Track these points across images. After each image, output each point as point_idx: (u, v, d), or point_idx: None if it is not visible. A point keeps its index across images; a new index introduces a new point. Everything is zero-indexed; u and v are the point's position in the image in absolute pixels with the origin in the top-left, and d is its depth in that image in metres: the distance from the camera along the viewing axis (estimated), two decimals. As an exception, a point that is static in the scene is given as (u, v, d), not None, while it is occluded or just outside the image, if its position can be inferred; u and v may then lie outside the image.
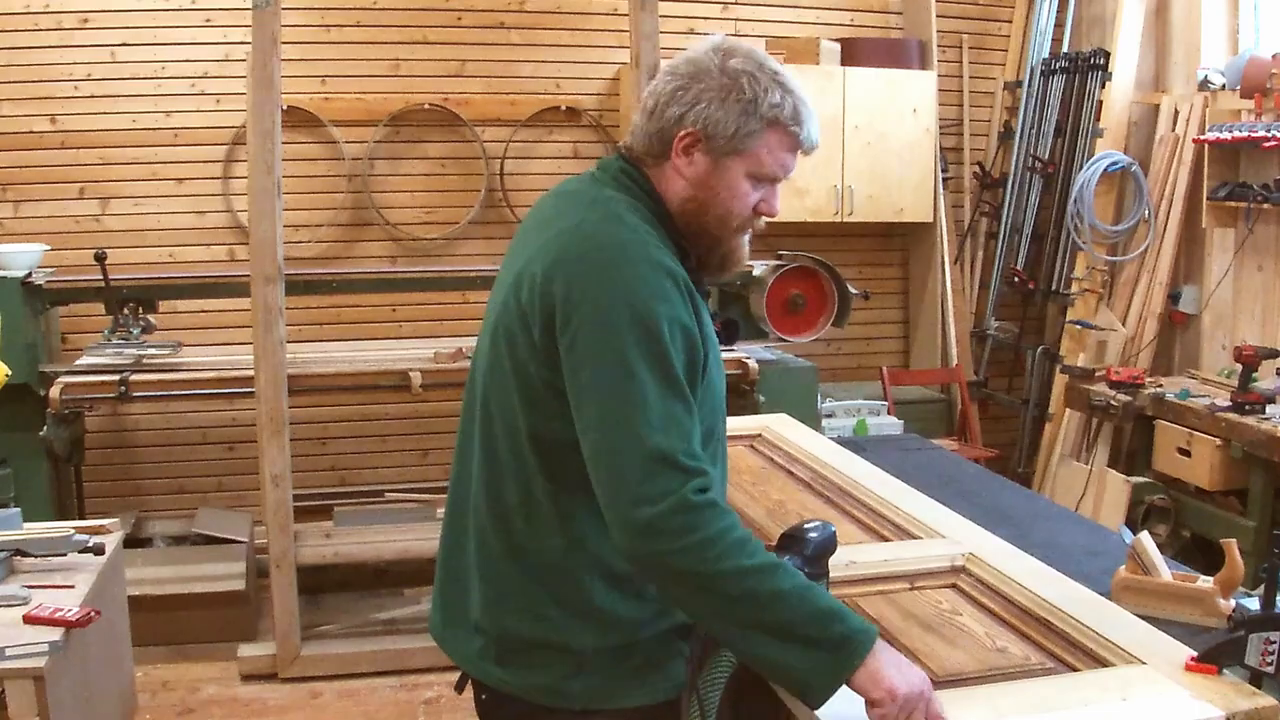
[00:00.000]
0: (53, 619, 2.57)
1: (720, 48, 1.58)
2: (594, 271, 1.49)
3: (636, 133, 1.63)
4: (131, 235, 5.00)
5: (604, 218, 1.56)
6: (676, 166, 1.59)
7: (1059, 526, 2.51)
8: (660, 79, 1.61)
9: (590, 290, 1.48)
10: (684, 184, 1.60)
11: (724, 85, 1.55)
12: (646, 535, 1.42)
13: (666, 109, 1.58)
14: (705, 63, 1.57)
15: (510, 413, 1.59)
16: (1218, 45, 5.13)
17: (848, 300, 4.55)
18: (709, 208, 1.60)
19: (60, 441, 4.00)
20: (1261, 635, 1.52)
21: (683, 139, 1.57)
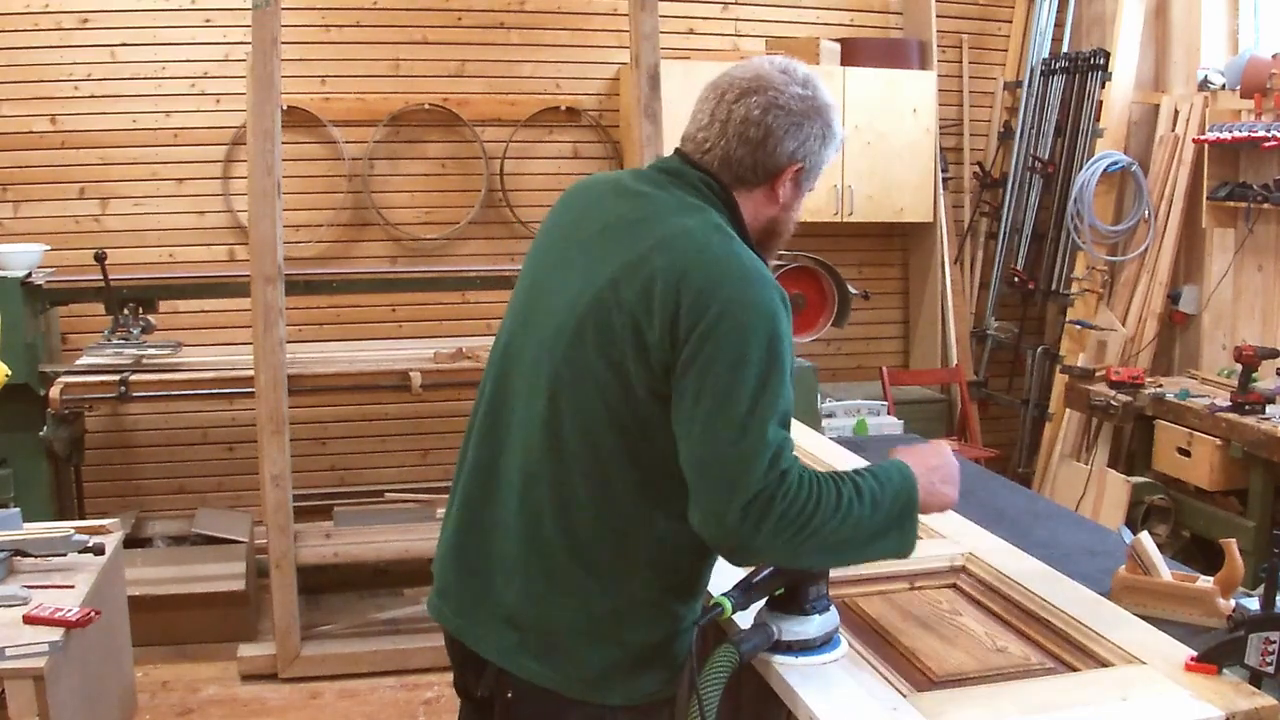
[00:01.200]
0: (53, 619, 2.57)
1: (811, 82, 1.70)
2: (729, 281, 1.56)
3: (723, 155, 1.69)
4: (131, 235, 5.00)
5: (711, 229, 1.62)
6: (776, 194, 1.71)
7: (1059, 526, 2.51)
8: (764, 110, 1.67)
9: (729, 298, 1.54)
10: (775, 208, 1.72)
11: (825, 123, 1.70)
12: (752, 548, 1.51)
13: (781, 143, 1.67)
14: (809, 103, 1.68)
15: (592, 412, 1.60)
16: (1218, 45, 5.13)
17: (848, 300, 4.54)
18: (786, 227, 1.77)
19: (60, 441, 4.01)
20: (1261, 635, 1.52)
21: (794, 171, 1.70)
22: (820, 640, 1.63)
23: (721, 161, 1.69)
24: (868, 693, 1.53)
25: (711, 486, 1.51)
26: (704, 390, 1.52)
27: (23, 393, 4.01)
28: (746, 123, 1.67)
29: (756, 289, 1.56)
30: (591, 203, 1.77)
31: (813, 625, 1.62)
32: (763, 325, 1.53)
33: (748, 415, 1.50)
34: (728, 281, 1.55)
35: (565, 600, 1.63)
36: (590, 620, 1.63)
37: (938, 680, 1.60)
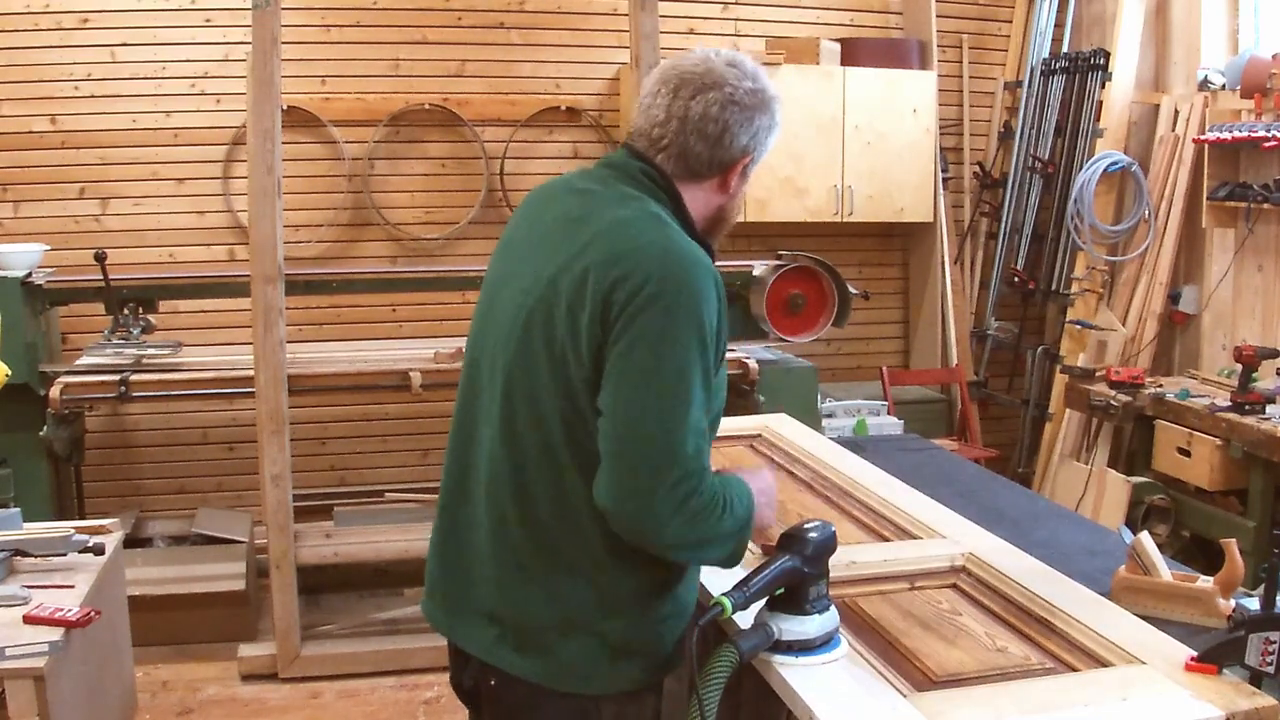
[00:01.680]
0: (53, 619, 2.57)
1: (758, 76, 1.73)
2: (660, 265, 1.58)
3: (680, 150, 1.71)
4: (131, 235, 5.00)
5: (646, 217, 1.66)
6: (728, 184, 1.75)
7: (1059, 526, 2.51)
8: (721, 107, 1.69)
9: (657, 283, 1.57)
10: (724, 197, 1.76)
11: (773, 115, 1.74)
12: (652, 529, 1.54)
13: (736, 138, 1.71)
14: (759, 96, 1.71)
15: (541, 404, 1.64)
16: (1218, 45, 5.14)
17: (848, 300, 4.54)
18: (733, 214, 1.81)
19: (60, 441, 4.00)
20: (1261, 635, 1.52)
21: (745, 163, 1.74)
22: (820, 640, 1.62)
23: (678, 156, 1.72)
24: (868, 693, 1.53)
25: (632, 464, 1.54)
26: (630, 368, 1.55)
27: (23, 393, 4.00)
28: (705, 119, 1.69)
29: (688, 272, 1.59)
30: (543, 204, 1.81)
31: (813, 625, 1.62)
32: (692, 307, 1.56)
33: (673, 395, 1.54)
34: (658, 265, 1.58)
35: (538, 594, 1.66)
36: (564, 612, 1.66)
37: (938, 680, 1.60)
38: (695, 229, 1.73)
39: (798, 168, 5.36)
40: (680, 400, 1.54)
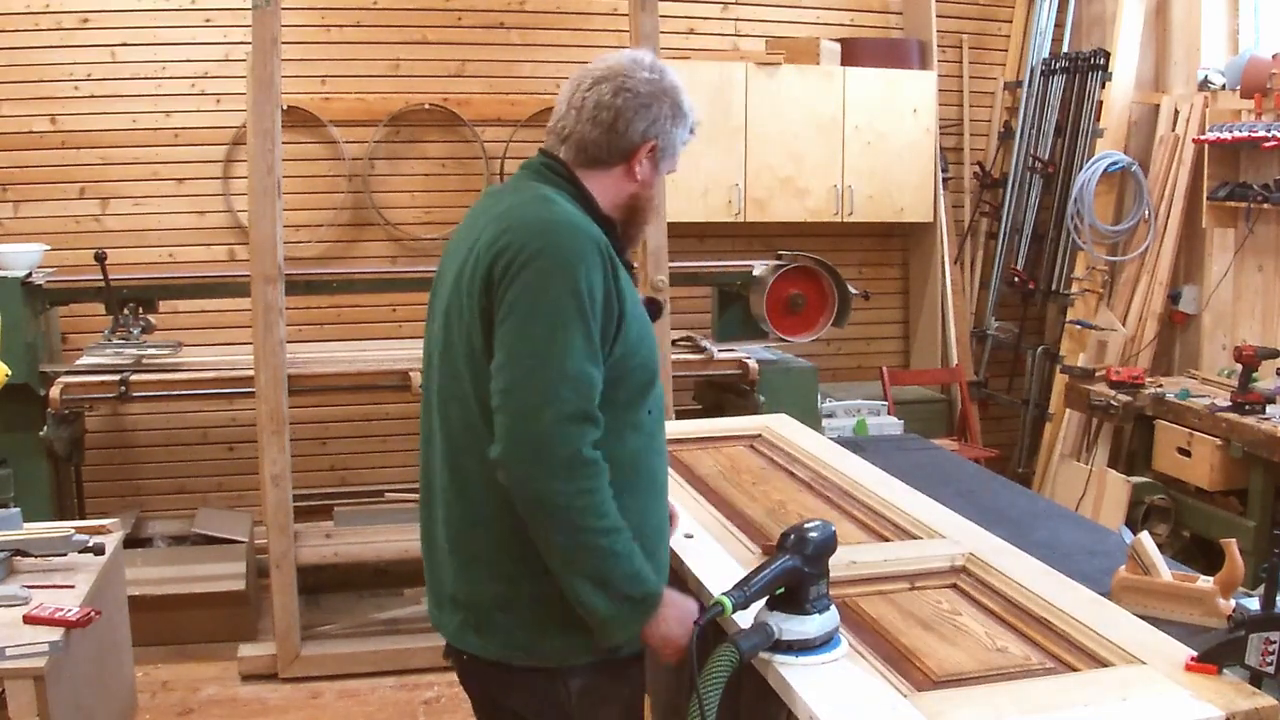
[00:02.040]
0: (53, 619, 2.57)
1: (657, 67, 1.85)
2: (534, 235, 1.70)
3: (579, 140, 1.82)
4: (131, 235, 5.00)
5: (533, 199, 1.78)
6: (631, 171, 1.84)
7: (1059, 526, 2.51)
8: (614, 94, 1.80)
9: (531, 249, 1.68)
10: (635, 184, 1.85)
11: (674, 104, 1.84)
12: (538, 474, 1.62)
13: (632, 123, 1.81)
14: (658, 82, 1.83)
15: (462, 387, 1.75)
16: (1218, 45, 5.13)
17: (848, 300, 4.55)
18: (649, 202, 1.89)
19: (60, 441, 4.00)
20: (1261, 635, 1.52)
21: (647, 149, 1.83)
22: (820, 640, 1.62)
23: (577, 145, 1.83)
24: (868, 693, 1.53)
25: (513, 414, 1.63)
26: (509, 329, 1.67)
27: (23, 393, 4.01)
28: (599, 107, 1.80)
29: (562, 236, 1.69)
30: (470, 214, 1.94)
31: (813, 625, 1.62)
32: (565, 268, 1.66)
33: (546, 347, 1.63)
34: (535, 234, 1.70)
35: (481, 572, 1.77)
36: (504, 587, 1.74)
37: (938, 680, 1.60)
38: (602, 215, 1.82)
39: (798, 168, 5.36)
40: (555, 354, 1.63)
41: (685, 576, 2.01)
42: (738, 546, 2.11)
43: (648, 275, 3.88)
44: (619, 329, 1.72)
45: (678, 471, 2.64)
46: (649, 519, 1.79)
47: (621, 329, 1.73)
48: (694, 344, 4.63)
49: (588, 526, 1.63)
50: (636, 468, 1.78)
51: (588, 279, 1.67)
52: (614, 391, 1.72)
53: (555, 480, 1.61)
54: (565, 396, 1.62)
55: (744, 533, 2.19)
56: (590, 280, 1.67)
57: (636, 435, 1.78)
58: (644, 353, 1.79)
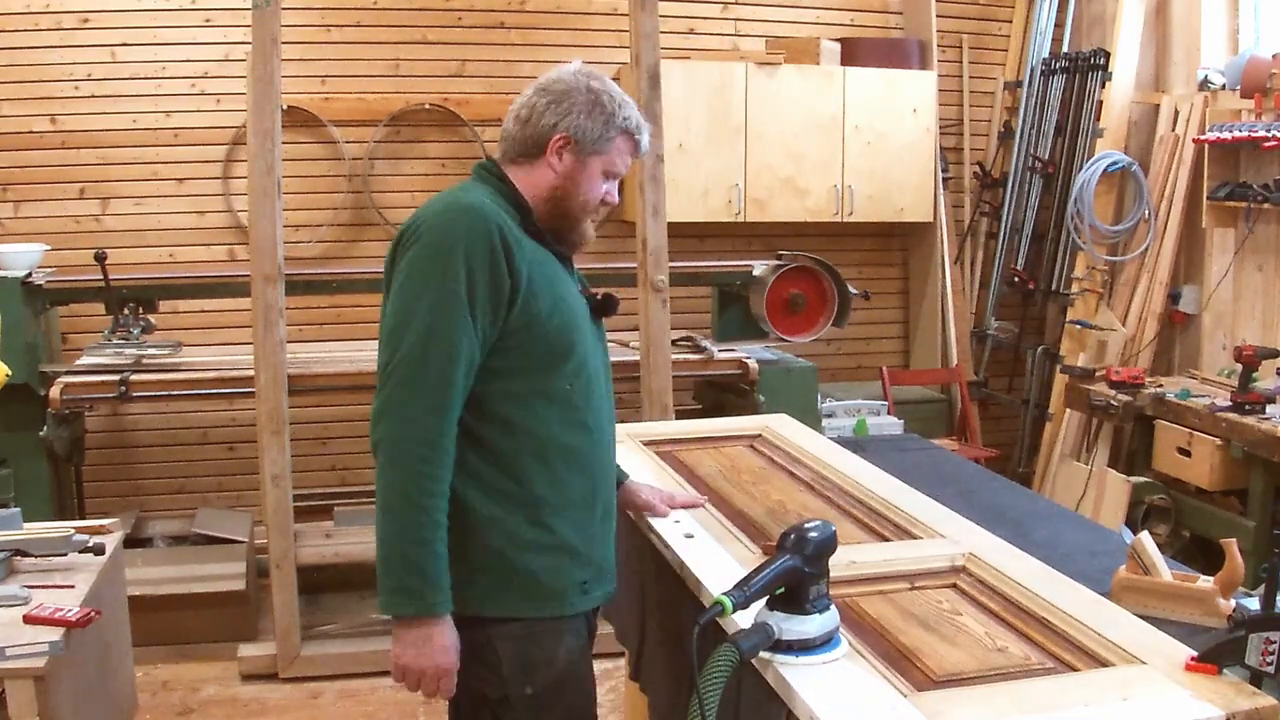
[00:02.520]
0: (53, 619, 2.57)
1: (582, 71, 1.99)
2: (427, 217, 1.87)
3: (508, 139, 2.00)
4: (131, 235, 5.00)
5: (450, 190, 1.96)
6: (550, 164, 1.96)
7: (1059, 526, 2.51)
8: (533, 95, 1.99)
9: (421, 228, 1.86)
10: (555, 176, 1.96)
11: (589, 100, 1.95)
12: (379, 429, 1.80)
13: (542, 118, 1.95)
14: (574, 83, 1.96)
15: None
16: (1218, 45, 5.14)
17: (848, 300, 4.55)
18: (574, 195, 1.98)
19: (60, 441, 4.01)
20: (1261, 635, 1.52)
21: (557, 141, 1.95)
22: (820, 640, 1.62)
23: (504, 144, 2.00)
24: (868, 693, 1.53)
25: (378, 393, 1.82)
26: (391, 300, 1.86)
27: (23, 393, 4.01)
28: (520, 106, 2.00)
29: (453, 217, 1.85)
30: None
31: (813, 625, 1.62)
32: (443, 244, 1.82)
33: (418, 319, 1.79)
34: (427, 215, 1.88)
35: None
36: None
37: (938, 680, 1.60)
38: (527, 205, 1.95)
39: (798, 168, 5.36)
40: (425, 327, 1.78)
41: (685, 576, 2.01)
42: (738, 546, 2.11)
43: (648, 275, 3.88)
44: (513, 300, 1.84)
45: (678, 471, 2.64)
46: (555, 491, 1.91)
47: (516, 302, 1.85)
48: (694, 344, 4.63)
49: (406, 498, 1.77)
50: (544, 437, 1.90)
51: (467, 254, 1.80)
52: (520, 359, 1.88)
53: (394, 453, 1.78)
54: (422, 367, 1.78)
55: (744, 533, 2.19)
56: (471, 255, 1.80)
57: (549, 406, 1.91)
58: (555, 325, 1.90)
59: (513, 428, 1.89)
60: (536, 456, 1.90)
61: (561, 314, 1.92)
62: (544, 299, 1.89)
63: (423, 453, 1.78)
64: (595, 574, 1.99)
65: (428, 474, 1.78)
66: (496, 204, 1.91)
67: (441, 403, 1.79)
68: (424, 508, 1.77)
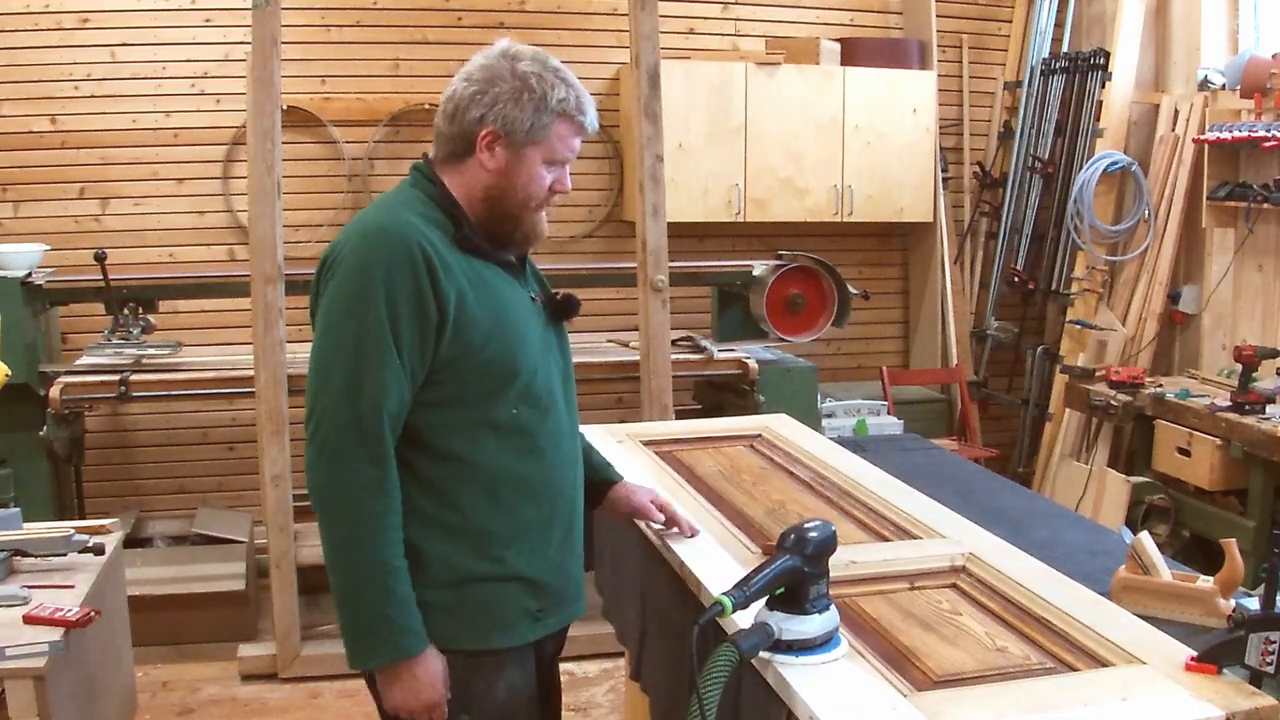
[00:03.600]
0: (53, 619, 2.57)
1: (508, 53, 1.80)
2: (343, 244, 1.76)
3: (438, 137, 1.84)
4: (131, 235, 5.00)
5: (376, 208, 1.83)
6: (481, 161, 1.80)
7: (1059, 526, 2.51)
8: (457, 85, 1.81)
9: (337, 258, 1.75)
10: (488, 175, 1.81)
11: (516, 87, 1.77)
12: (316, 482, 1.72)
13: (467, 112, 1.78)
14: (497, 68, 1.78)
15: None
16: (1218, 45, 5.14)
17: (848, 300, 4.55)
18: (512, 193, 1.82)
19: (60, 441, 4.00)
20: (1261, 635, 1.52)
21: (485, 137, 1.78)
22: (820, 640, 1.62)
23: (436, 140, 1.85)
24: (868, 693, 1.53)
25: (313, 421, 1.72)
26: (315, 337, 1.76)
27: (23, 393, 4.01)
28: (447, 100, 1.82)
29: (371, 245, 1.72)
30: None
31: (813, 625, 1.62)
32: (365, 278, 1.70)
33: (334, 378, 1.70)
34: (344, 240, 1.76)
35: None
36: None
37: (938, 680, 1.60)
38: (461, 213, 1.81)
39: (798, 168, 5.35)
40: (348, 366, 1.69)
41: (685, 576, 2.01)
42: (738, 546, 2.10)
43: (648, 275, 3.88)
44: (441, 330, 1.73)
45: (678, 471, 2.64)
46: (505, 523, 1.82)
47: (445, 331, 1.73)
48: (694, 344, 4.63)
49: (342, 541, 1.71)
50: (492, 469, 1.80)
51: (389, 289, 1.68)
52: (456, 390, 1.76)
53: (324, 492, 1.71)
54: (346, 406, 1.69)
55: (744, 533, 2.19)
56: (392, 289, 1.68)
57: (494, 435, 1.80)
58: (492, 352, 1.77)
59: (456, 461, 1.78)
60: (484, 489, 1.80)
61: (501, 338, 1.78)
62: (478, 326, 1.76)
63: (371, 505, 1.70)
64: (552, 600, 1.90)
65: (378, 522, 1.70)
66: (425, 217, 1.77)
67: (378, 452, 1.70)
68: (380, 561, 1.70)
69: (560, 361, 1.95)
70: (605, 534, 2.57)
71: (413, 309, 1.70)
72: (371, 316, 1.69)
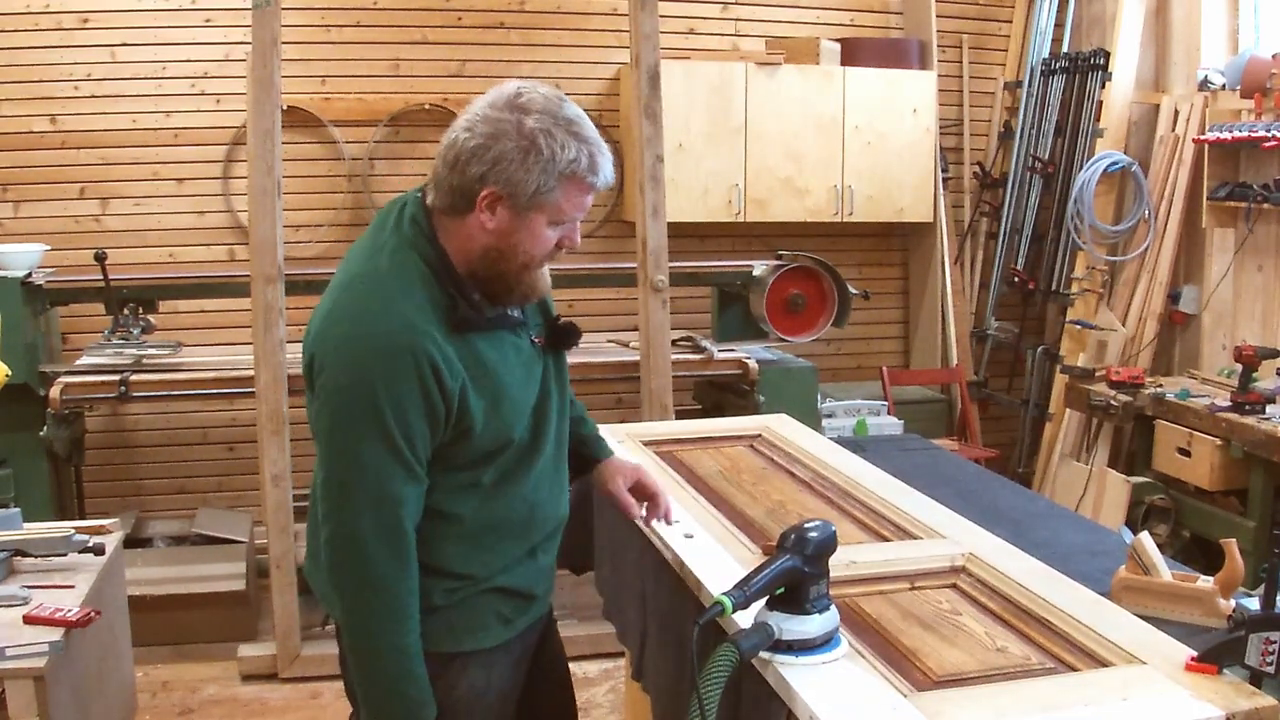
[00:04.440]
0: (53, 619, 2.57)
1: (515, 104, 1.66)
2: (335, 353, 1.67)
3: (439, 183, 1.71)
4: (131, 235, 5.00)
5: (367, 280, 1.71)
6: (480, 222, 1.69)
7: (1059, 526, 2.51)
8: (460, 131, 1.68)
9: (331, 369, 1.67)
10: (487, 235, 1.70)
11: (522, 146, 1.64)
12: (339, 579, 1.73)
13: (468, 167, 1.66)
14: (503, 122, 1.65)
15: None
16: (1218, 45, 5.14)
17: (848, 300, 4.55)
18: (512, 256, 1.72)
19: (60, 441, 4.00)
20: (1261, 635, 1.52)
21: (485, 197, 1.66)
22: (820, 640, 1.62)
23: (435, 187, 1.73)
24: (868, 693, 1.53)
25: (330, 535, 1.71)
26: (320, 448, 1.72)
27: (23, 393, 4.01)
28: (449, 146, 1.69)
29: (368, 356, 1.64)
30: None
31: (813, 625, 1.62)
32: (364, 394, 1.63)
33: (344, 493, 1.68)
34: (337, 350, 1.67)
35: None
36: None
37: (938, 680, 1.60)
38: (448, 264, 1.71)
39: (798, 168, 5.36)
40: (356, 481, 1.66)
41: (685, 576, 2.01)
42: (738, 546, 2.10)
43: (648, 275, 3.88)
44: (446, 423, 1.69)
45: (678, 472, 2.64)
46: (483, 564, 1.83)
47: (449, 424, 1.70)
48: (694, 344, 4.63)
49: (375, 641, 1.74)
50: (477, 522, 1.80)
51: (391, 397, 1.63)
52: (451, 462, 1.74)
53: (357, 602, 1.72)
54: (369, 525, 1.66)
55: (744, 533, 2.19)
56: (394, 396, 1.63)
57: (479, 494, 1.79)
58: (489, 431, 1.74)
59: (439, 518, 1.76)
60: (465, 539, 1.80)
61: (496, 419, 1.75)
62: (476, 413, 1.71)
63: (394, 598, 1.70)
64: (524, 604, 1.90)
65: (401, 611, 1.71)
66: (423, 299, 1.68)
67: (400, 548, 1.69)
68: (402, 646, 1.72)
69: (556, 391, 1.89)
70: (605, 534, 2.57)
71: (421, 414, 1.65)
72: (384, 436, 1.64)
